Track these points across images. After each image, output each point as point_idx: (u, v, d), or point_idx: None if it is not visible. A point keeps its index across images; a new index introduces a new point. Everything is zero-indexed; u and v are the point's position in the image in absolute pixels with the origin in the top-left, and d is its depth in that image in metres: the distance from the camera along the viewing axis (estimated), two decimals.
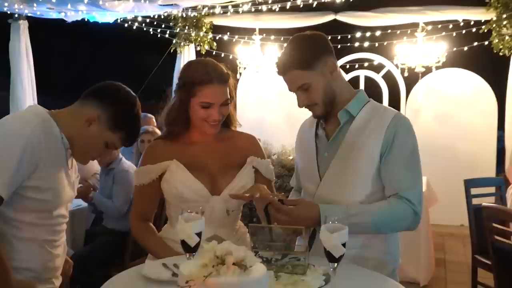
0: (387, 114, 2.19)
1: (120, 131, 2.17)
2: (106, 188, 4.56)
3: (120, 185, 4.44)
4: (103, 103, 2.15)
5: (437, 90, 7.73)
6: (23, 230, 2.09)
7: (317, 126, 2.36)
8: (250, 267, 1.52)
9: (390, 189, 2.13)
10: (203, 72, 2.26)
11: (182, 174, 2.31)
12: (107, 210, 4.50)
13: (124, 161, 4.62)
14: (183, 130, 2.37)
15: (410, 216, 2.11)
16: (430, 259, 5.33)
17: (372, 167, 2.14)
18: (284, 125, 7.77)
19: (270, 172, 2.48)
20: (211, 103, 2.26)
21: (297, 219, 2.00)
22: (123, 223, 4.37)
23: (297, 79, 2.18)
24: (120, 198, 4.43)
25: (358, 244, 2.15)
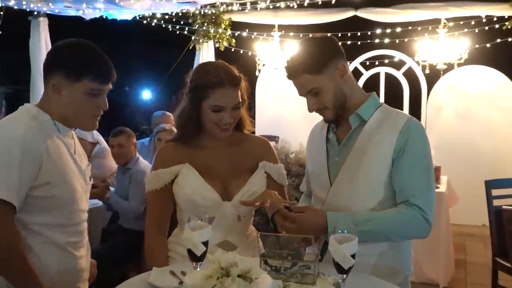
0: (400, 118, 2.15)
1: (84, 75, 2.09)
2: (122, 188, 4.57)
3: (137, 186, 4.43)
4: (51, 67, 2.12)
5: (458, 88, 7.63)
6: (42, 234, 2.08)
7: (328, 130, 2.33)
8: (255, 279, 1.49)
9: (400, 195, 2.09)
10: (214, 75, 2.23)
11: (194, 178, 2.28)
12: (123, 210, 4.51)
13: (141, 160, 4.63)
14: (195, 133, 2.35)
15: (420, 224, 2.06)
16: (450, 260, 5.26)
17: (384, 173, 2.10)
18: (302, 122, 7.72)
19: (282, 177, 2.45)
20: (222, 106, 2.24)
21: (303, 226, 1.99)
22: (139, 223, 4.37)
23: (307, 83, 2.15)
24: (136, 199, 4.43)
25: (373, 252, 2.12)
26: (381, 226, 2.03)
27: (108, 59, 2.18)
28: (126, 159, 4.57)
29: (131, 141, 4.62)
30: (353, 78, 2.27)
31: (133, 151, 4.61)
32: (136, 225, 4.43)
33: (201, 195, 2.26)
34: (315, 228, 2.01)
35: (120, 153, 4.57)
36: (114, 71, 2.19)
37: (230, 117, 2.26)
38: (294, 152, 6.31)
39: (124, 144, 4.55)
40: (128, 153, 4.56)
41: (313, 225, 2.01)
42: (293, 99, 8.19)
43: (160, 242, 2.35)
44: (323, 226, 2.01)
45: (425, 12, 7.45)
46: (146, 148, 5.80)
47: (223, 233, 2.26)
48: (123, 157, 4.57)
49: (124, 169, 4.58)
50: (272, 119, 8.46)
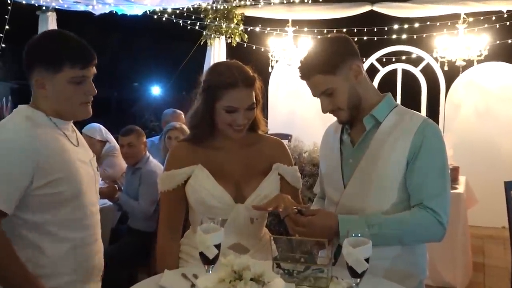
0: (415, 119, 2.18)
1: (62, 64, 2.11)
2: (132, 188, 4.61)
3: (147, 186, 4.47)
4: (30, 64, 2.15)
5: (478, 85, 7.59)
6: (50, 233, 2.12)
7: (342, 131, 2.36)
8: (268, 282, 1.53)
9: (414, 198, 2.12)
10: (228, 75, 2.25)
11: (206, 180, 2.31)
12: (133, 211, 4.55)
13: (151, 160, 4.66)
14: (208, 134, 2.37)
15: (434, 227, 2.09)
16: (468, 263, 5.26)
17: (398, 175, 2.13)
18: (316, 121, 7.72)
19: (296, 180, 2.47)
20: (236, 107, 2.26)
21: (314, 230, 2.02)
22: (148, 224, 4.43)
23: (321, 84, 2.19)
24: (146, 199, 4.46)
25: (387, 255, 2.15)
26: (393, 230, 2.06)
27: (85, 43, 2.19)
28: (136, 158, 4.61)
29: (141, 140, 4.66)
30: (368, 78, 2.30)
31: (143, 150, 4.65)
32: (144, 226, 4.48)
33: (213, 197, 2.29)
34: (326, 231, 2.04)
35: (130, 152, 4.61)
36: (94, 54, 2.20)
37: (244, 118, 2.28)
38: (307, 151, 6.30)
39: (134, 144, 4.59)
40: (138, 153, 4.61)
41: (324, 228, 2.04)
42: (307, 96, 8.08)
43: (172, 244, 2.39)
44: (334, 229, 2.05)
45: (444, 7, 7.44)
46: (156, 146, 5.83)
47: (235, 235, 2.29)
48: (133, 156, 4.61)
49: (134, 168, 4.62)
50: (285, 117, 8.47)
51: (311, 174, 5.78)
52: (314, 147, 6.25)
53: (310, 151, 6.26)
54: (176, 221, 2.42)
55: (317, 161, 6.07)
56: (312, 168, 5.88)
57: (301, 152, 6.17)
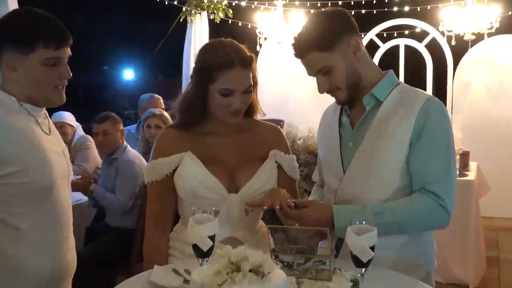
0: (418, 97, 2.24)
1: (35, 44, 2.14)
2: (108, 180, 4.65)
3: (124, 177, 4.52)
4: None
5: (489, 61, 7.64)
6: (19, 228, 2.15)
7: (341, 112, 2.42)
8: (268, 273, 1.58)
9: (416, 182, 2.20)
10: (223, 55, 2.28)
11: (196, 168, 2.36)
12: (109, 205, 4.58)
13: (128, 149, 4.70)
14: (198, 118, 2.42)
15: (437, 213, 2.16)
16: (481, 258, 5.32)
17: (401, 158, 2.20)
18: (311, 104, 7.75)
19: (293, 169, 2.54)
20: (232, 90, 2.29)
21: (307, 223, 2.09)
22: (128, 220, 4.48)
23: (316, 62, 2.24)
24: (124, 192, 4.51)
25: (392, 245, 2.22)
26: (393, 218, 2.13)
27: (59, 22, 2.21)
28: (112, 148, 4.65)
29: (118, 128, 4.70)
30: (368, 54, 2.37)
31: (120, 139, 4.69)
32: (124, 223, 4.52)
33: (204, 187, 2.34)
34: (320, 223, 2.11)
35: (105, 141, 4.64)
36: (68, 33, 2.23)
37: (240, 102, 2.32)
38: (301, 138, 6.31)
39: (110, 131, 4.63)
40: (115, 141, 4.65)
41: (318, 221, 2.11)
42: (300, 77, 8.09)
43: (161, 239, 2.45)
44: (328, 221, 2.12)
45: None
46: (133, 136, 5.88)
47: (229, 228, 2.35)
48: (109, 145, 4.65)
49: (110, 159, 4.66)
50: (276, 101, 8.43)
51: (307, 163, 5.80)
52: (309, 133, 6.25)
53: (304, 137, 6.26)
54: (164, 215, 2.48)
55: (313, 149, 6.12)
56: (307, 157, 5.90)
57: (295, 139, 6.18)
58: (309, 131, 6.22)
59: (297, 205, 2.16)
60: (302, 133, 6.33)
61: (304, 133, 6.29)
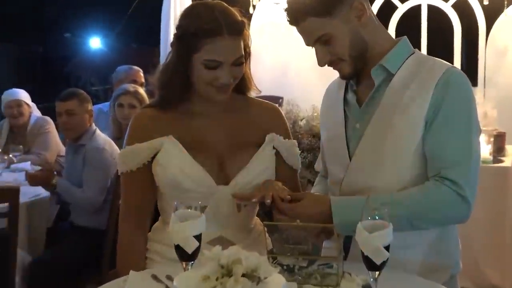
0: (436, 68, 2.26)
1: None
2: (74, 171, 4.64)
3: (93, 168, 4.52)
4: None
5: None
6: None
7: (346, 89, 2.44)
8: (264, 278, 1.60)
9: (432, 167, 2.21)
10: (208, 19, 2.28)
11: (179, 155, 2.38)
12: (75, 201, 4.58)
13: (98, 134, 4.70)
14: (180, 96, 2.43)
15: (454, 204, 2.16)
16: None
17: (417, 140, 2.22)
18: (315, 77, 7.61)
19: (294, 157, 2.57)
20: (220, 61, 2.30)
21: (301, 218, 2.10)
22: (97, 219, 4.50)
23: (314, 29, 2.26)
24: (93, 185, 4.50)
25: (410, 243, 2.24)
26: (402, 210, 2.14)
27: None
28: (78, 131, 4.64)
29: (85, 108, 4.70)
30: (376, 19, 2.38)
31: (88, 121, 4.68)
32: (93, 222, 4.54)
33: (189, 177, 2.35)
34: (316, 219, 2.14)
35: (70, 123, 4.63)
36: None
37: (229, 76, 2.33)
38: (304, 118, 6.25)
39: (76, 111, 4.63)
40: (82, 124, 4.64)
41: (313, 216, 2.14)
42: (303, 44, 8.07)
43: (137, 239, 2.48)
44: (326, 216, 2.14)
45: None
46: (106, 115, 5.81)
47: (217, 226, 2.37)
48: (74, 129, 4.64)
49: (76, 145, 4.65)
50: (273, 73, 8.33)
51: (311, 148, 5.75)
52: (313, 112, 6.18)
53: (308, 117, 6.19)
54: (141, 211, 2.49)
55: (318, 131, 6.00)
56: (311, 140, 5.84)
57: (297, 119, 6.12)
58: (313, 109, 6.14)
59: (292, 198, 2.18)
60: (305, 112, 6.26)
61: (308, 113, 6.22)
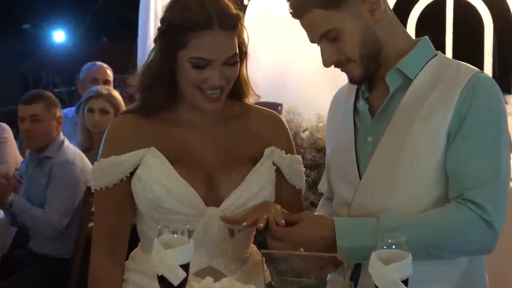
0: (462, 73, 2.27)
1: None
2: (35, 188, 4.64)
3: (60, 185, 4.52)
4: None
5: None
6: None
7: (357, 95, 2.46)
8: None
9: (453, 187, 2.22)
10: (198, 11, 2.29)
11: (163, 170, 2.38)
12: (35, 224, 4.55)
13: (67, 146, 4.70)
14: (165, 101, 2.44)
15: (478, 230, 2.16)
16: None
17: (437, 156, 2.23)
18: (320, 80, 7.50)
19: (297, 175, 2.59)
20: (209, 59, 2.31)
21: (298, 244, 2.06)
22: (61, 245, 4.52)
23: (320, 23, 2.28)
24: (58, 206, 4.49)
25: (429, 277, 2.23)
26: (417, 236, 2.12)
27: None
28: (43, 141, 4.64)
29: (53, 113, 4.71)
30: (392, 14, 2.40)
31: (56, 129, 4.70)
32: (56, 249, 4.55)
33: (173, 196, 2.35)
34: (317, 245, 2.13)
35: (34, 130, 4.63)
36: None
37: (220, 77, 2.33)
38: (307, 129, 6.26)
39: (42, 117, 4.63)
40: (48, 132, 4.65)
41: (315, 242, 2.15)
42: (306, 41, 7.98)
43: (113, 269, 2.46)
44: (329, 241, 2.15)
45: None
46: (70, 122, 5.80)
47: (206, 255, 2.38)
48: (39, 137, 4.64)
49: (40, 158, 4.65)
50: (270, 76, 8.24)
51: (315, 164, 5.71)
52: (318, 122, 6.18)
53: (312, 128, 6.18)
54: (117, 235, 2.48)
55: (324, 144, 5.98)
56: (315, 156, 5.81)
57: (298, 131, 6.08)
58: (318, 119, 6.13)
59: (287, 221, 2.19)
60: (308, 122, 6.28)
61: (311, 123, 6.23)
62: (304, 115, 6.36)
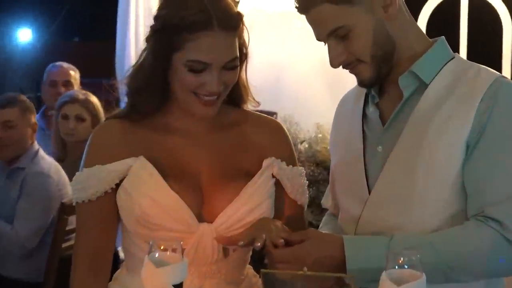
0: (482, 78, 2.30)
1: None
2: (4, 202, 4.63)
3: (33, 199, 4.52)
4: None
5: None
6: None
7: (366, 100, 2.49)
8: None
9: (473, 204, 2.24)
10: (195, 9, 2.30)
11: (152, 182, 2.39)
12: (1, 241, 4.53)
13: (41, 156, 4.72)
14: (156, 106, 2.47)
15: (500, 250, 2.18)
16: None
17: (455, 168, 2.25)
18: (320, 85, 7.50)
19: (299, 189, 2.61)
20: (207, 62, 2.33)
21: (303, 265, 2.09)
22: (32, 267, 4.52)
23: (330, 19, 2.30)
24: (29, 222, 4.49)
25: None
26: (435, 256, 2.16)
27: None
28: (16, 150, 4.68)
29: (28, 120, 4.75)
30: (407, 12, 2.44)
31: (31, 138, 4.73)
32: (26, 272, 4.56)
33: (163, 210, 2.36)
34: (324, 265, 2.15)
35: (7, 138, 4.66)
36: None
37: (218, 82, 2.36)
38: (305, 141, 6.25)
39: (16, 123, 4.67)
40: (22, 141, 4.69)
41: (320, 261, 2.16)
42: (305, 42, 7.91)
43: None
44: (337, 261, 2.16)
45: None
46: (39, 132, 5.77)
47: (198, 276, 2.39)
48: (12, 146, 4.67)
49: (12, 169, 4.68)
50: (264, 80, 8.21)
51: (314, 180, 5.73)
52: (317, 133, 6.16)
53: (310, 140, 6.16)
54: (101, 253, 2.48)
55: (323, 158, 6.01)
56: (314, 170, 5.84)
57: (295, 142, 6.04)
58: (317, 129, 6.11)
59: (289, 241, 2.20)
60: (306, 133, 6.26)
61: (310, 134, 6.21)
62: (302, 125, 6.35)
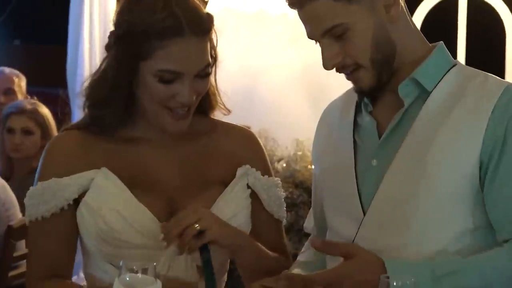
0: (490, 86, 2.41)
1: None
2: None
3: None
4: None
5: None
6: None
7: (357, 109, 2.59)
8: None
9: (502, 228, 2.33)
10: (164, 14, 2.44)
11: (117, 194, 2.53)
12: None
13: None
14: (119, 118, 2.59)
15: None
16: None
17: (463, 187, 2.35)
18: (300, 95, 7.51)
19: (275, 200, 2.77)
20: (179, 72, 2.48)
21: None
22: None
23: (326, 16, 2.38)
24: None
25: None
26: (475, 282, 2.25)
27: None
28: None
29: None
30: (409, 15, 2.55)
31: None
32: None
33: (130, 225, 2.50)
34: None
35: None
36: None
37: (190, 92, 2.51)
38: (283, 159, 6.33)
39: None
40: None
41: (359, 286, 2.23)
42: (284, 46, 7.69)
43: None
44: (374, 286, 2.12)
45: None
46: None
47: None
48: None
49: None
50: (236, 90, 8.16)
51: (291, 203, 5.89)
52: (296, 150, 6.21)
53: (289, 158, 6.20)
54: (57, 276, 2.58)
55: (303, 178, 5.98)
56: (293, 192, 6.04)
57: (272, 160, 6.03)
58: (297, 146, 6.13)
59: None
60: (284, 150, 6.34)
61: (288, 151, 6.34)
62: (279, 141, 6.43)
